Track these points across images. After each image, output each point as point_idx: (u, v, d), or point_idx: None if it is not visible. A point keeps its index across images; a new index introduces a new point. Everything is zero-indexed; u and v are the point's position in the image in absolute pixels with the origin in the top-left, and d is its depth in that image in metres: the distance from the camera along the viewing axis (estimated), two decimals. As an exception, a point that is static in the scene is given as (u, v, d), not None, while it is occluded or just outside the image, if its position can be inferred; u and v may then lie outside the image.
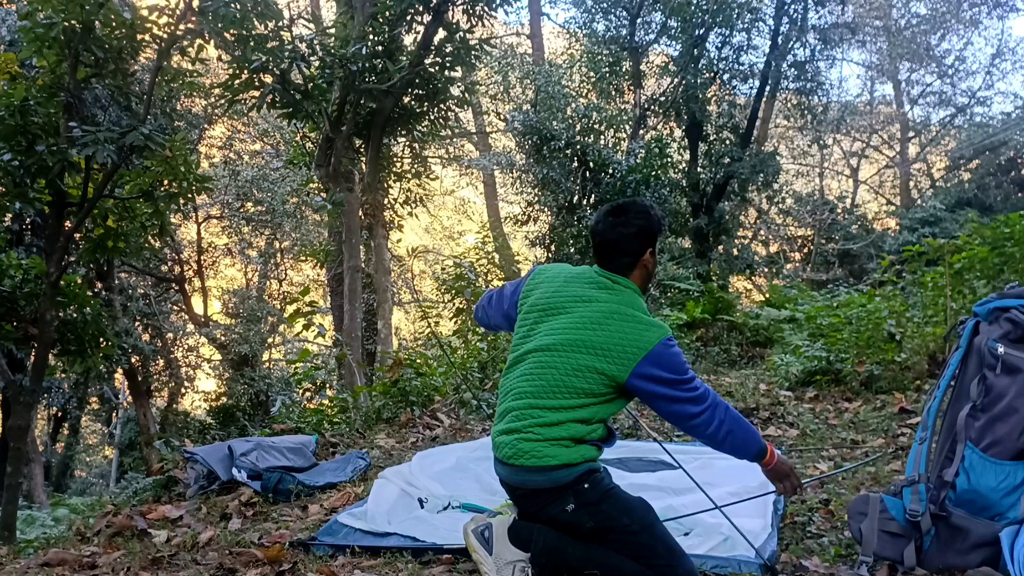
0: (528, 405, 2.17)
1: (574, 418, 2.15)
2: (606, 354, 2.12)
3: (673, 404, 2.14)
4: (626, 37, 15.54)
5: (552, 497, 2.15)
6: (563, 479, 2.13)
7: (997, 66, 23.07)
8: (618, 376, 2.12)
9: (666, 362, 2.12)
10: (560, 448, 2.12)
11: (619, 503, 2.18)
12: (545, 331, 2.24)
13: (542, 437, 2.12)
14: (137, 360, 14.57)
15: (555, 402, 2.14)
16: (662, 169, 12.74)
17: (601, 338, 2.14)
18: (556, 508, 2.16)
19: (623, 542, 2.14)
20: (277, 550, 2.45)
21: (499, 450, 2.19)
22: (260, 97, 6.45)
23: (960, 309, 4.93)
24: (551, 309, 2.28)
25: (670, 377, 2.12)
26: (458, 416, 4.95)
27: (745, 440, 2.19)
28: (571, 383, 2.14)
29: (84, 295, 6.67)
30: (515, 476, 2.17)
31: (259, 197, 15.62)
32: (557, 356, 2.17)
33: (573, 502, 2.14)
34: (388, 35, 7.31)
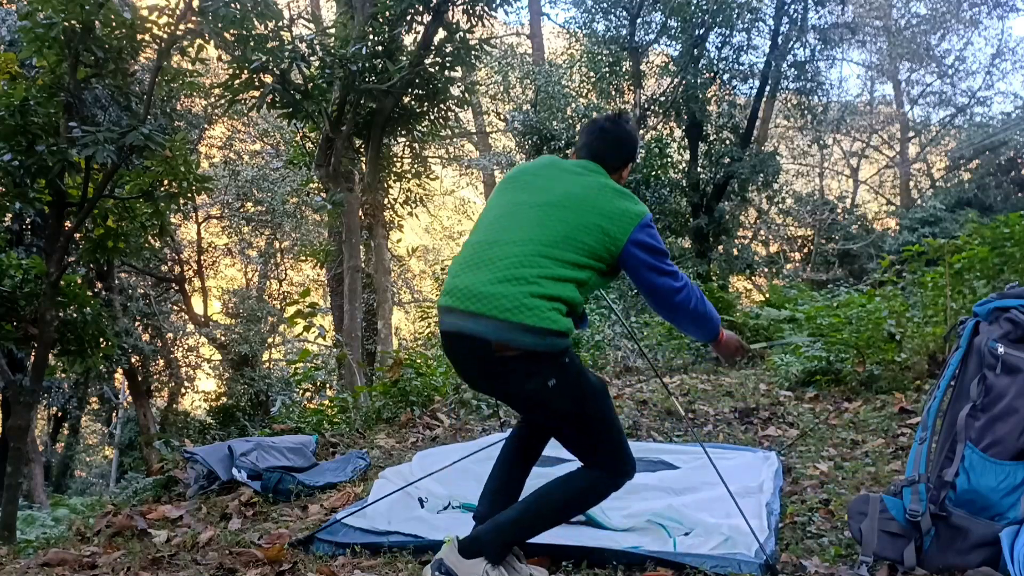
0: (536, 252, 2.06)
1: (577, 279, 2.09)
2: (609, 216, 2.13)
3: (660, 276, 2.18)
4: (626, 37, 15.55)
5: (536, 367, 2.05)
6: (555, 346, 2.04)
7: (997, 66, 23.08)
8: (619, 238, 2.12)
9: (654, 234, 2.20)
10: (558, 313, 2.04)
11: (590, 381, 2.18)
12: (542, 190, 2.22)
13: (548, 293, 2.02)
14: (137, 360, 14.58)
15: (566, 255, 2.08)
16: (662, 169, 12.75)
17: (602, 202, 2.16)
18: (533, 383, 2.06)
19: (584, 428, 2.14)
20: (277, 550, 2.45)
21: (488, 302, 2.01)
22: (260, 97, 6.46)
23: (960, 309, 4.93)
24: (540, 176, 2.28)
25: (659, 248, 2.18)
26: (458, 416, 4.95)
27: (710, 318, 2.28)
28: (582, 239, 2.10)
29: (84, 295, 6.67)
30: (504, 334, 2.00)
31: (259, 197, 15.62)
32: (567, 211, 2.14)
33: (556, 376, 2.07)
34: (388, 35, 7.31)
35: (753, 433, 4.37)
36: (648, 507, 2.71)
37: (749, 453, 3.63)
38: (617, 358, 7.80)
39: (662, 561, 2.24)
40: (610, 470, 2.19)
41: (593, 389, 2.17)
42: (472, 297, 2.05)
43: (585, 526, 2.58)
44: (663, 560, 2.24)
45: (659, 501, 2.83)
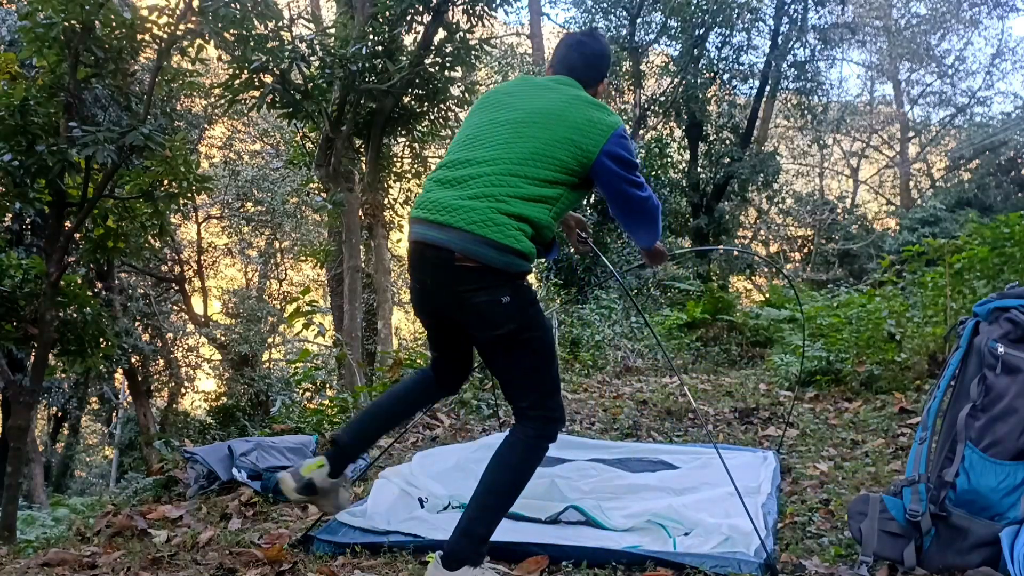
0: (506, 171, 2.09)
1: (547, 196, 2.11)
2: (580, 129, 2.14)
3: (631, 187, 2.22)
4: (626, 37, 15.55)
5: (491, 282, 2.06)
6: (514, 266, 2.06)
7: (997, 66, 23.10)
8: (591, 151, 2.14)
9: (627, 145, 2.21)
10: (523, 234, 2.06)
11: (541, 313, 2.20)
12: (513, 108, 2.22)
13: (515, 212, 2.05)
14: (137, 360, 14.57)
15: (536, 172, 2.10)
16: (662, 169, 12.75)
17: (574, 114, 2.17)
18: (488, 296, 2.06)
19: (527, 355, 2.15)
20: (277, 550, 2.45)
21: (456, 214, 2.04)
22: (260, 97, 6.45)
23: (960, 309, 4.93)
24: (513, 95, 2.29)
25: (631, 160, 2.21)
26: (458, 416, 4.95)
27: (659, 224, 2.39)
28: (553, 153, 2.12)
29: (84, 295, 6.67)
30: (467, 245, 2.03)
31: (259, 197, 15.62)
32: (537, 127, 2.15)
33: (510, 295, 2.08)
34: (388, 35, 7.31)
35: (753, 433, 4.37)
36: (648, 507, 2.71)
37: (748, 453, 3.63)
38: (617, 358, 7.80)
39: (662, 561, 2.24)
40: (541, 419, 2.18)
41: (542, 320, 2.19)
42: (442, 209, 2.08)
43: (585, 526, 2.58)
44: (663, 560, 2.24)
45: (659, 501, 2.83)
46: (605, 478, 3.23)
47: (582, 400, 5.61)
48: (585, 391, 6.04)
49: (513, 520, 2.68)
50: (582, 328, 8.34)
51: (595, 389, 6.13)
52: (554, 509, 2.68)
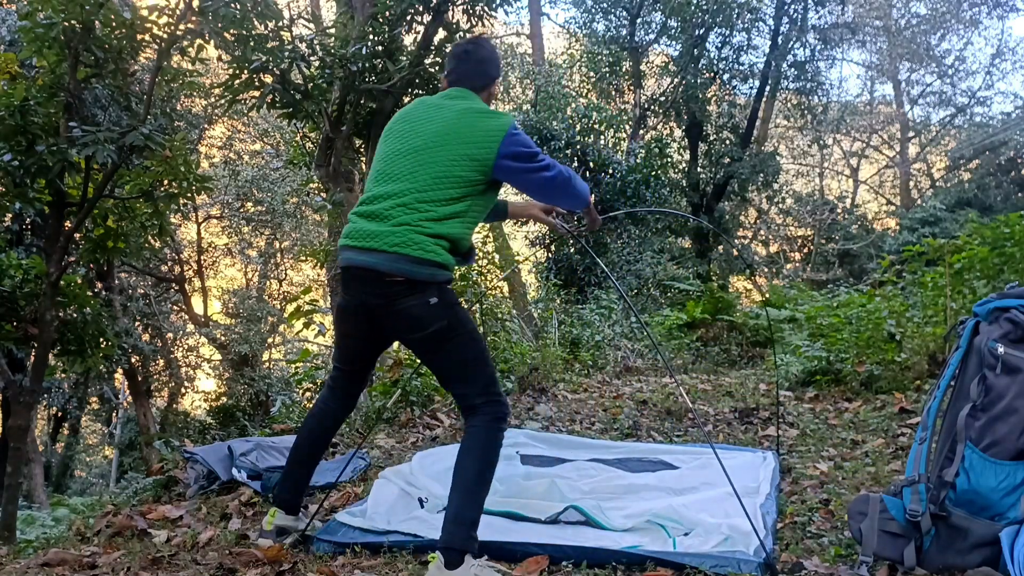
0: (416, 200, 2.34)
1: (456, 212, 2.36)
2: (473, 143, 2.36)
3: (534, 175, 2.43)
4: (626, 37, 15.56)
5: (419, 289, 2.30)
6: (437, 276, 2.32)
7: (997, 66, 23.10)
8: (488, 159, 2.36)
9: (520, 140, 2.41)
10: (441, 248, 2.32)
11: (466, 312, 2.44)
12: (413, 134, 2.46)
13: (431, 232, 2.31)
14: (137, 360, 14.57)
15: (442, 194, 2.34)
16: (662, 169, 12.75)
17: (465, 131, 2.38)
18: (417, 301, 2.31)
19: (460, 347, 2.36)
20: (277, 550, 2.46)
21: (379, 239, 2.31)
22: (260, 97, 6.44)
23: (960, 309, 4.93)
24: (410, 121, 2.51)
25: (528, 151, 2.41)
26: (458, 416, 4.95)
27: (581, 191, 2.56)
28: (453, 172, 2.35)
29: (84, 295, 6.66)
30: (393, 264, 2.29)
31: (259, 197, 15.62)
32: (434, 151, 2.38)
33: (437, 296, 2.32)
34: (388, 35, 7.30)
35: (753, 433, 4.37)
36: (648, 507, 2.71)
37: (748, 453, 3.63)
38: (617, 358, 7.80)
39: (662, 561, 2.24)
40: (488, 404, 2.36)
41: (468, 318, 2.42)
42: (367, 237, 2.34)
43: (585, 526, 2.58)
44: (663, 560, 2.24)
45: (659, 501, 2.83)
46: (605, 478, 3.23)
47: (582, 400, 5.61)
48: (585, 391, 6.04)
49: (513, 520, 2.68)
50: (582, 328, 8.34)
51: (595, 389, 6.13)
52: (554, 509, 2.68)
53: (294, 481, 2.66)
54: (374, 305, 2.37)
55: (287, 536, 2.61)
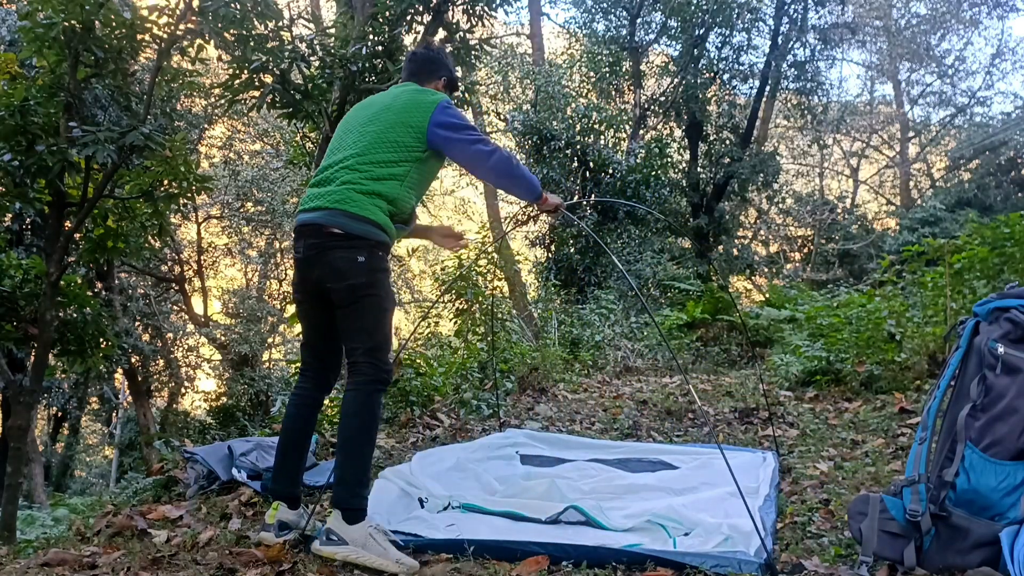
0: (357, 163, 2.60)
1: (394, 175, 2.61)
2: (407, 111, 2.65)
3: (470, 146, 2.64)
4: (626, 37, 15.55)
5: (351, 244, 2.52)
6: (369, 234, 2.54)
7: (997, 66, 23.10)
8: (421, 125, 2.63)
9: (454, 112, 2.67)
10: (377, 208, 2.56)
11: (387, 282, 2.64)
12: (358, 118, 2.76)
13: (368, 190, 2.56)
14: (137, 360, 14.57)
15: (381, 155, 2.60)
16: (662, 169, 12.74)
17: (401, 102, 2.69)
18: (346, 253, 2.52)
19: (367, 310, 2.55)
20: (277, 550, 2.45)
21: (324, 198, 2.57)
22: (260, 97, 6.43)
23: (960, 309, 4.93)
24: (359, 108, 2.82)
25: (461, 123, 2.65)
26: (458, 416, 4.95)
27: (530, 180, 2.77)
28: (390, 136, 2.62)
29: (84, 295, 6.66)
30: (332, 218, 2.53)
31: (259, 197, 15.61)
32: (375, 123, 2.67)
33: (366, 256, 2.53)
34: (388, 35, 7.29)
35: (753, 433, 4.37)
36: (648, 507, 2.71)
37: (748, 453, 3.63)
38: (617, 358, 7.80)
39: (662, 561, 2.24)
40: (369, 366, 2.52)
41: (386, 287, 2.62)
42: (314, 198, 2.61)
43: (585, 526, 2.58)
44: (663, 560, 2.24)
45: (659, 501, 2.83)
46: (605, 478, 3.23)
47: (582, 400, 5.61)
48: (585, 391, 6.04)
49: (513, 520, 2.68)
50: (582, 328, 8.34)
51: (595, 389, 6.13)
52: (554, 509, 2.68)
53: (288, 471, 2.71)
54: (311, 256, 2.57)
55: (289, 531, 2.63)
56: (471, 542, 2.41)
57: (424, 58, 2.93)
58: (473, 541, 2.41)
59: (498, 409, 5.03)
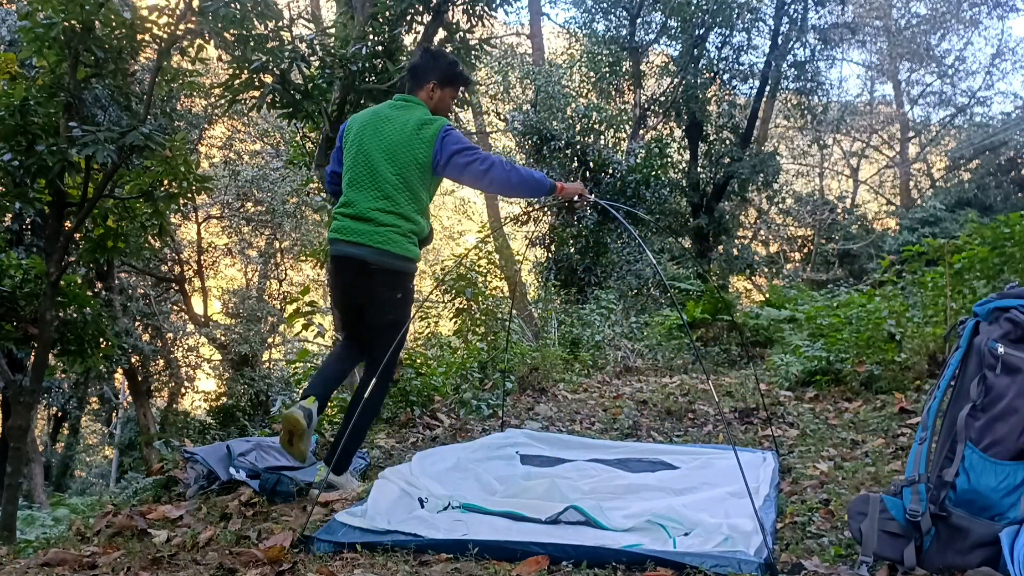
0: (390, 206, 3.01)
1: (419, 209, 3.09)
2: (415, 150, 3.01)
3: (466, 167, 2.99)
4: (626, 37, 15.56)
5: (393, 281, 3.06)
6: (407, 268, 3.09)
7: (997, 66, 23.11)
8: (427, 161, 3.03)
9: (453, 138, 3.02)
10: (412, 245, 3.08)
11: (409, 307, 3.17)
12: (371, 147, 3.06)
13: (405, 231, 3.04)
14: (137, 360, 14.58)
15: (406, 196, 3.03)
16: (662, 169, 12.74)
17: (408, 140, 3.02)
18: (389, 292, 3.06)
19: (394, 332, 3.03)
20: (277, 550, 2.45)
21: (367, 236, 3.00)
22: (260, 97, 6.43)
23: (960, 309, 4.93)
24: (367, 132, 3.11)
25: (461, 147, 3.00)
26: (458, 416, 4.95)
27: (535, 179, 3.08)
28: (410, 180, 3.03)
29: (84, 295, 6.66)
30: (378, 257, 3.01)
31: (259, 197, 15.62)
32: (392, 165, 3.03)
33: (403, 292, 3.09)
34: (388, 35, 7.29)
35: (753, 433, 4.37)
36: (648, 507, 2.71)
37: (747, 453, 3.63)
38: (617, 358, 7.80)
39: (662, 561, 2.24)
40: (383, 373, 3.11)
41: (410, 312, 3.19)
42: (354, 232, 3.03)
43: (585, 526, 2.58)
44: (663, 560, 2.24)
45: (659, 501, 2.83)
46: (605, 478, 3.23)
47: (582, 400, 5.62)
48: (585, 391, 6.04)
49: (513, 520, 2.68)
50: (582, 328, 8.34)
51: (595, 389, 6.13)
52: (554, 509, 2.68)
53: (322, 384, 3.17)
54: (357, 286, 3.08)
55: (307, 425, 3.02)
56: (473, 542, 2.41)
57: (411, 68, 3.24)
58: (474, 541, 2.41)
59: (498, 409, 5.03)
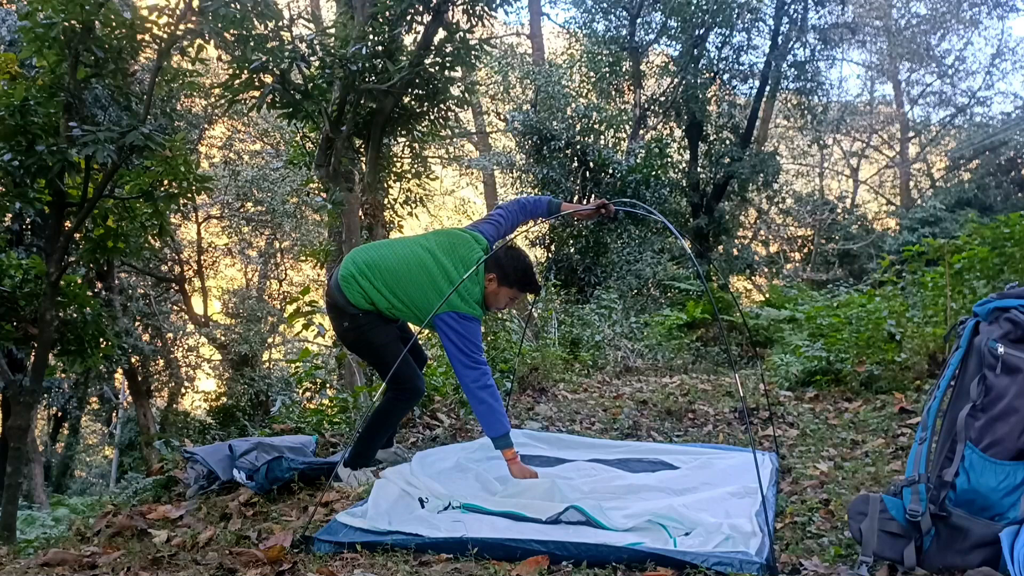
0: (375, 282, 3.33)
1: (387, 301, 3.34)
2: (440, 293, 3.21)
3: (455, 356, 3.18)
4: (626, 37, 15.56)
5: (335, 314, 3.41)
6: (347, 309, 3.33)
7: (997, 66, 23.11)
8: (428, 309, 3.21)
9: (464, 326, 3.17)
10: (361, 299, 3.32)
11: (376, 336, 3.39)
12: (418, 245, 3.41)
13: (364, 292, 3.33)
14: (137, 360, 14.58)
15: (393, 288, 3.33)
16: (662, 169, 12.74)
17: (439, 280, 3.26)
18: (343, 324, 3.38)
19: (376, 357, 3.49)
20: (277, 550, 2.45)
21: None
22: (260, 97, 6.44)
23: (960, 309, 4.93)
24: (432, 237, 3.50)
25: (462, 337, 3.17)
26: (458, 416, 4.95)
27: (490, 423, 3.18)
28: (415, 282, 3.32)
29: (84, 295, 6.66)
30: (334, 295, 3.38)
31: (259, 197, 15.62)
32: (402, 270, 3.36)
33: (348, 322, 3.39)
34: (388, 35, 7.30)
35: (753, 433, 4.37)
36: (648, 507, 2.71)
37: (747, 454, 3.62)
38: (617, 358, 7.80)
39: (662, 560, 2.24)
40: (395, 390, 3.34)
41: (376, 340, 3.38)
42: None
43: (585, 526, 2.58)
44: (663, 559, 2.24)
45: (659, 501, 2.82)
46: (605, 478, 3.23)
47: (582, 400, 5.61)
48: (585, 391, 6.04)
49: (514, 520, 2.68)
50: (582, 328, 8.34)
51: (595, 389, 6.12)
52: (555, 510, 2.68)
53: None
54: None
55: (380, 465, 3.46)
56: (473, 542, 2.41)
57: (493, 254, 3.39)
58: (474, 541, 2.41)
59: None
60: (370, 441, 3.41)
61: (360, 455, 3.37)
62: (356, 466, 3.35)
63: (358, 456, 3.37)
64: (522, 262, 3.40)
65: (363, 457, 3.39)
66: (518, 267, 3.36)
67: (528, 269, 3.40)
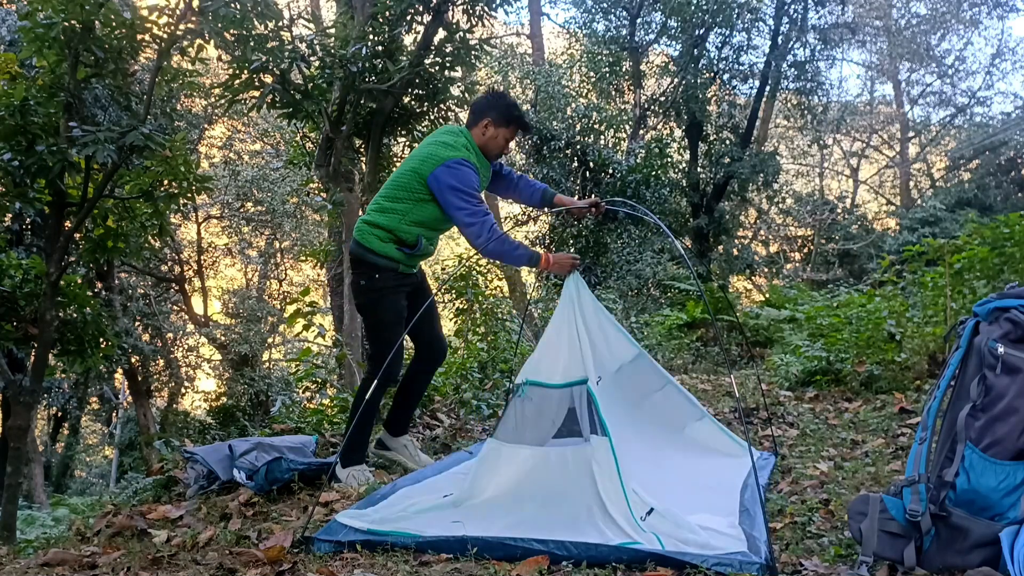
0: (372, 208, 3.29)
1: (394, 208, 3.22)
2: (422, 160, 3.18)
3: (458, 215, 3.11)
4: (626, 37, 15.55)
5: (355, 269, 3.29)
6: (367, 258, 3.22)
7: (997, 66, 23.11)
8: (424, 174, 3.15)
9: (453, 173, 3.11)
10: (375, 238, 3.21)
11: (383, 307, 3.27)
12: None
13: (372, 222, 3.23)
14: (137, 360, 14.59)
15: (385, 193, 3.25)
16: (662, 169, 12.74)
17: (422, 151, 3.23)
18: (354, 278, 3.31)
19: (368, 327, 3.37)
20: (277, 550, 2.45)
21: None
22: (260, 97, 6.44)
23: (960, 309, 4.93)
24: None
25: (457, 185, 3.10)
26: (458, 416, 4.95)
27: (514, 254, 3.20)
28: (400, 181, 3.23)
29: (84, 295, 6.66)
30: (352, 246, 3.30)
31: (259, 197, 15.63)
32: (397, 170, 3.30)
33: (365, 280, 3.24)
34: (388, 35, 7.30)
35: (753, 433, 4.36)
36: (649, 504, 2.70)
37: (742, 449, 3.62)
38: (617, 358, 7.78)
39: (662, 560, 2.24)
40: (371, 370, 3.31)
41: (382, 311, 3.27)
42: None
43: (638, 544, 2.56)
44: (663, 559, 2.24)
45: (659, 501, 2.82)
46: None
47: (582, 400, 5.60)
48: (585, 391, 6.02)
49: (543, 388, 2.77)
50: (582, 328, 8.31)
51: (595, 389, 6.11)
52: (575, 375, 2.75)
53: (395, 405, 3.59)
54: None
55: (386, 450, 3.56)
56: (473, 542, 2.41)
57: (472, 104, 3.43)
58: (474, 540, 2.41)
59: (497, 410, 5.02)
60: (358, 435, 3.38)
61: (352, 450, 3.34)
62: (350, 462, 3.32)
63: (351, 451, 3.33)
64: (508, 99, 3.41)
65: (356, 452, 3.36)
66: (508, 103, 3.36)
67: (515, 103, 3.41)
